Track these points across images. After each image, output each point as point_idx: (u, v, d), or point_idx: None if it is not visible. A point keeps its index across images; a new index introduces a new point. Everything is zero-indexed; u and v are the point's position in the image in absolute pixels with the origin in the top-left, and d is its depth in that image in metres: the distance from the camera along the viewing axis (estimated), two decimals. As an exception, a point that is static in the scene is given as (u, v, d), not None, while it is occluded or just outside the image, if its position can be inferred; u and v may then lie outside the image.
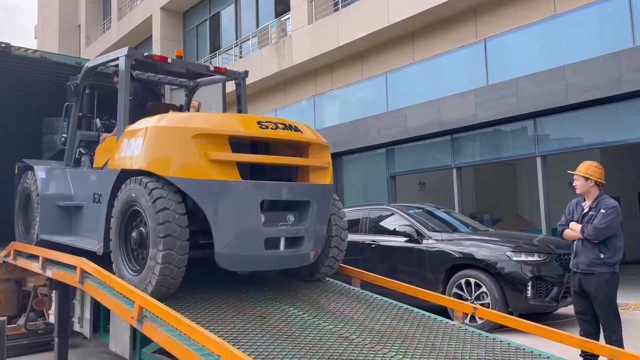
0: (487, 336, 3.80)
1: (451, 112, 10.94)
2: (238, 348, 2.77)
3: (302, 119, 8.45)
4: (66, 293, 5.03)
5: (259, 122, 3.78)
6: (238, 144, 3.73)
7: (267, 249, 3.72)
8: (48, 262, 4.81)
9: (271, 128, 3.77)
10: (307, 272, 4.51)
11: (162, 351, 3.78)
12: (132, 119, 4.15)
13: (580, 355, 4.30)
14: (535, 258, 6.43)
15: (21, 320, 6.28)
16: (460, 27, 11.54)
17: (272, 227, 3.75)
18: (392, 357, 3.16)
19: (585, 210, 4.64)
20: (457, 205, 11.18)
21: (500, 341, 3.70)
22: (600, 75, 8.66)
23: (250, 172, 3.85)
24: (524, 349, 3.57)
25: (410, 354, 3.24)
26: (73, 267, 4.29)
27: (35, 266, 4.97)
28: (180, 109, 5.24)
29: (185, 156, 3.57)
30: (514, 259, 6.37)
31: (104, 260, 4.04)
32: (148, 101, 4.74)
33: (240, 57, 17.66)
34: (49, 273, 4.77)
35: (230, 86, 7.08)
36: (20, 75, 6.12)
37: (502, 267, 6.35)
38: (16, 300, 6.65)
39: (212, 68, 4.92)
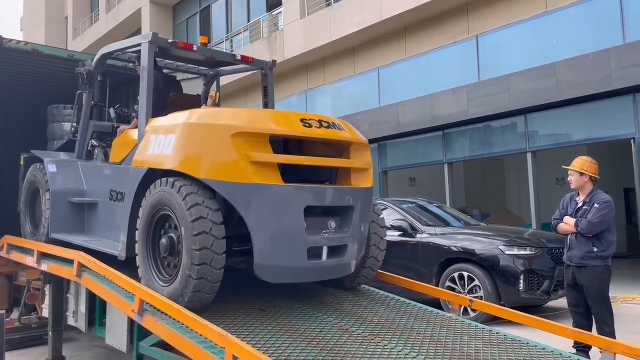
0: (483, 328, 3.87)
1: (443, 107, 11.01)
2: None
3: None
4: (60, 287, 4.97)
5: (302, 120, 3.48)
6: (271, 142, 3.42)
7: (309, 259, 3.41)
8: (43, 255, 4.76)
9: (315, 127, 3.47)
10: (344, 281, 4.22)
11: (159, 344, 3.79)
12: (153, 111, 3.95)
13: (572, 346, 4.38)
14: (527, 252, 6.53)
15: (14, 315, 6.24)
16: (452, 23, 11.60)
17: (315, 235, 3.44)
18: (391, 349, 3.20)
19: (579, 205, 4.73)
20: (448, 200, 11.28)
21: (497, 333, 3.76)
22: (590, 72, 8.78)
23: (283, 173, 3.45)
24: (519, 341, 3.64)
25: (410, 345, 3.28)
26: (69, 261, 4.27)
27: (29, 260, 4.91)
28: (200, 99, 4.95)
29: (224, 157, 3.26)
30: (507, 252, 6.46)
31: (115, 262, 3.89)
32: (169, 91, 4.44)
33: (232, 51, 17.57)
34: (44, 267, 4.71)
35: (224, 79, 7.01)
36: (12, 68, 6.03)
37: (495, 261, 6.44)
38: (7, 294, 6.60)
39: (238, 57, 4.60)
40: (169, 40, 4.10)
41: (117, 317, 4.04)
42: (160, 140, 3.56)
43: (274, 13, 16.26)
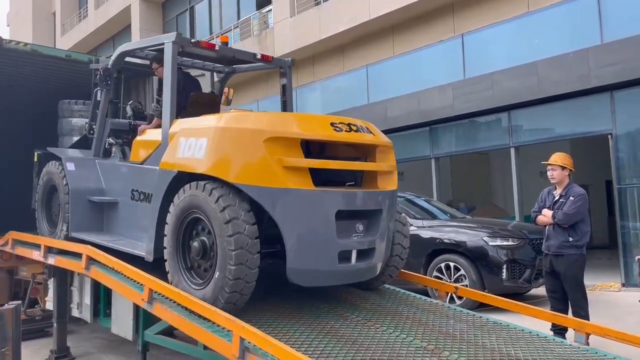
0: (467, 312, 4.15)
1: (430, 104, 11.30)
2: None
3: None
4: (64, 280, 5.14)
5: (332, 124, 3.49)
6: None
7: (339, 263, 3.44)
8: (50, 250, 4.91)
9: (345, 130, 3.49)
10: (368, 282, 4.22)
11: (164, 332, 4.02)
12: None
13: (550, 329, 4.70)
14: (510, 243, 6.88)
15: (17, 308, 6.39)
16: (438, 22, 11.88)
17: (346, 239, 3.47)
18: (383, 331, 3.46)
19: (557, 198, 5.07)
20: (435, 194, 11.59)
21: (480, 317, 4.05)
22: (570, 70, 9.11)
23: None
24: (500, 323, 3.93)
25: (400, 328, 3.55)
26: (77, 255, 4.46)
27: (36, 254, 5.08)
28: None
29: (257, 161, 3.25)
30: (491, 243, 6.80)
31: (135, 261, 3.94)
32: (190, 90, 4.41)
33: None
34: (51, 261, 4.87)
35: (215, 78, 7.15)
36: (12, 68, 6.16)
37: (480, 252, 6.77)
38: (8, 289, 6.76)
39: (259, 56, 4.60)
40: (192, 40, 4.08)
41: (122, 307, 4.26)
42: (190, 143, 3.53)
43: (264, 11, 16.41)
